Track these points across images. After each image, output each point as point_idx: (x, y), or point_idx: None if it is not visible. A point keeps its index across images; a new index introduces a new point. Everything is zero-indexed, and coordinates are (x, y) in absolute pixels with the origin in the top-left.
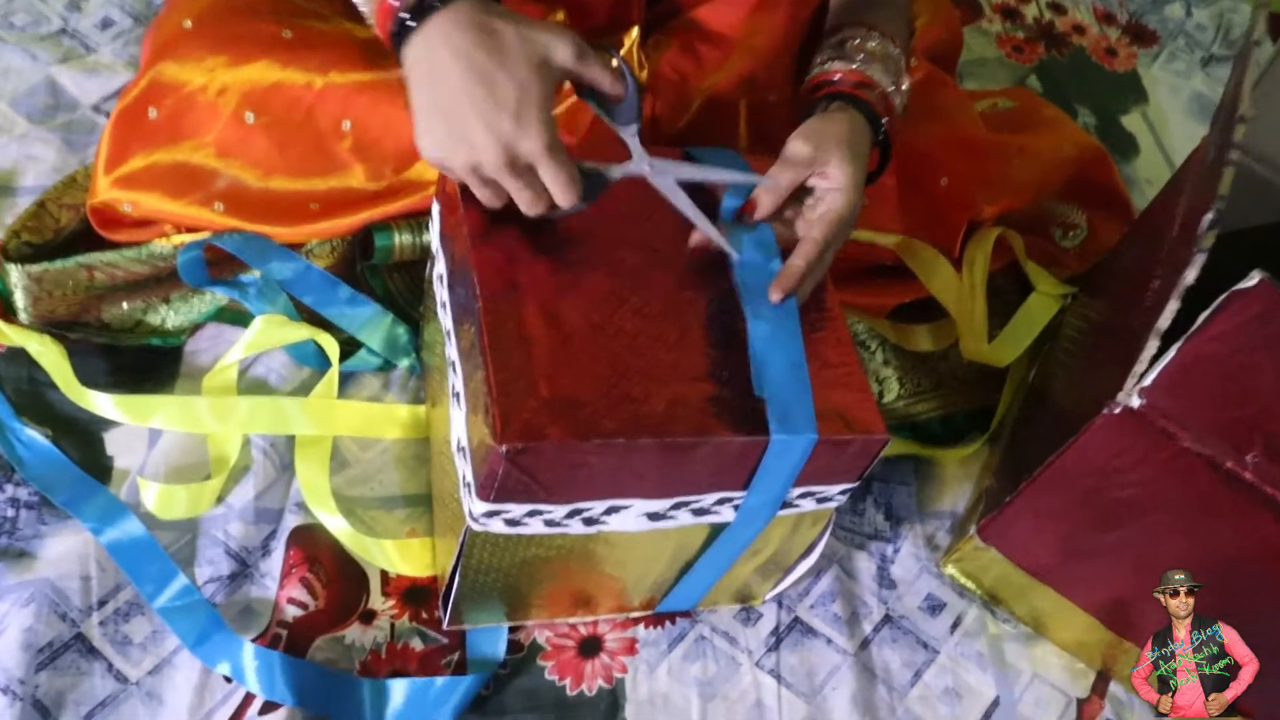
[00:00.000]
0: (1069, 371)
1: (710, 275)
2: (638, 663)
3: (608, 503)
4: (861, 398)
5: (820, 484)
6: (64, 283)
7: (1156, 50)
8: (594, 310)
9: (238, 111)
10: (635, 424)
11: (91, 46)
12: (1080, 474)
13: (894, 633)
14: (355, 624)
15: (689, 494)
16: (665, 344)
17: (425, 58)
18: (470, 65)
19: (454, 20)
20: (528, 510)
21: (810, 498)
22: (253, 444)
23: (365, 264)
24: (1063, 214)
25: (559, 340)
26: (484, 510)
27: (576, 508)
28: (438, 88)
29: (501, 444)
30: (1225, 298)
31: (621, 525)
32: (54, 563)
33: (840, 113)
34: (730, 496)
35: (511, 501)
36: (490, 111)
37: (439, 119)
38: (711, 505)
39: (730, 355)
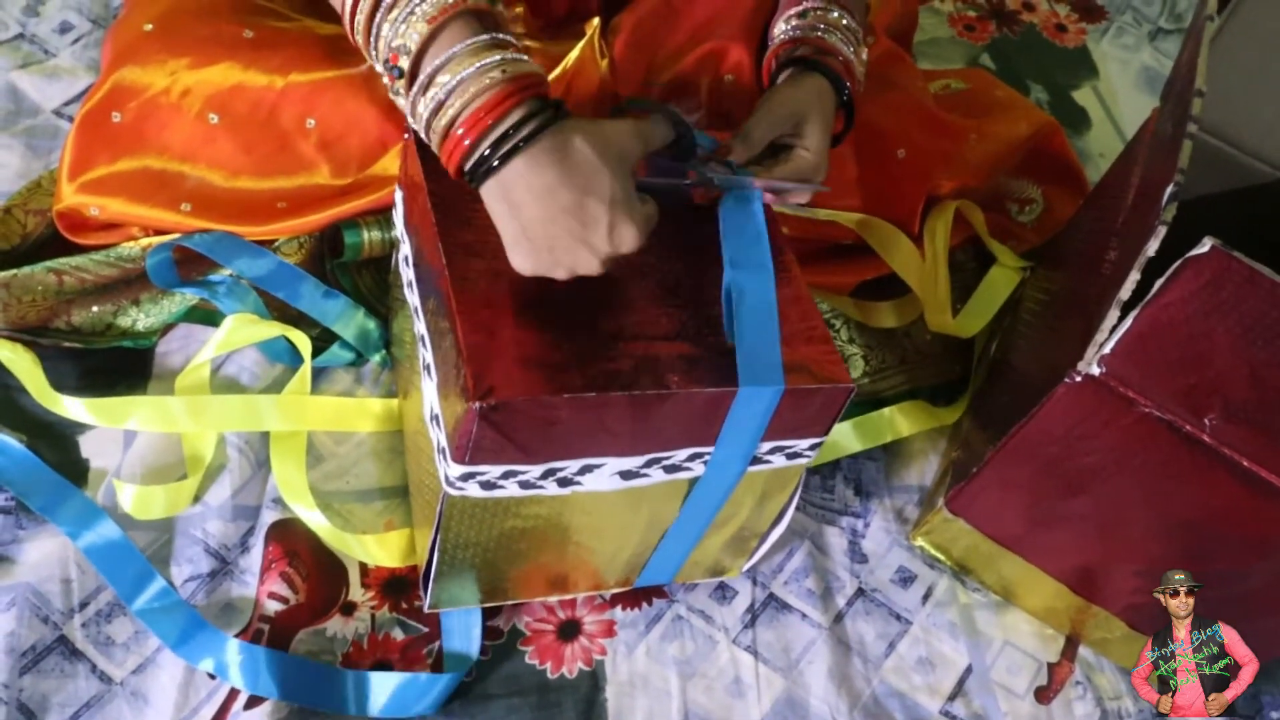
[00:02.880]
0: (1030, 343)
1: (675, 236)
2: (616, 644)
3: (581, 461)
4: (825, 350)
5: (789, 438)
6: (33, 288)
7: (1105, 25)
8: (567, 282)
9: (202, 113)
10: (605, 379)
11: (51, 51)
12: (1044, 442)
13: (867, 605)
14: (336, 616)
15: (661, 450)
16: (632, 305)
17: (504, 197)
18: (555, 201)
19: (532, 161)
20: (503, 472)
21: (780, 453)
22: (228, 442)
23: (335, 262)
24: (1018, 189)
25: (526, 304)
26: (460, 473)
27: (551, 467)
28: (523, 220)
29: (475, 401)
30: (1178, 265)
31: (596, 485)
32: (34, 567)
33: (808, 78)
34: (701, 452)
35: (486, 462)
36: (585, 236)
37: (529, 246)
38: (683, 461)
39: (697, 313)
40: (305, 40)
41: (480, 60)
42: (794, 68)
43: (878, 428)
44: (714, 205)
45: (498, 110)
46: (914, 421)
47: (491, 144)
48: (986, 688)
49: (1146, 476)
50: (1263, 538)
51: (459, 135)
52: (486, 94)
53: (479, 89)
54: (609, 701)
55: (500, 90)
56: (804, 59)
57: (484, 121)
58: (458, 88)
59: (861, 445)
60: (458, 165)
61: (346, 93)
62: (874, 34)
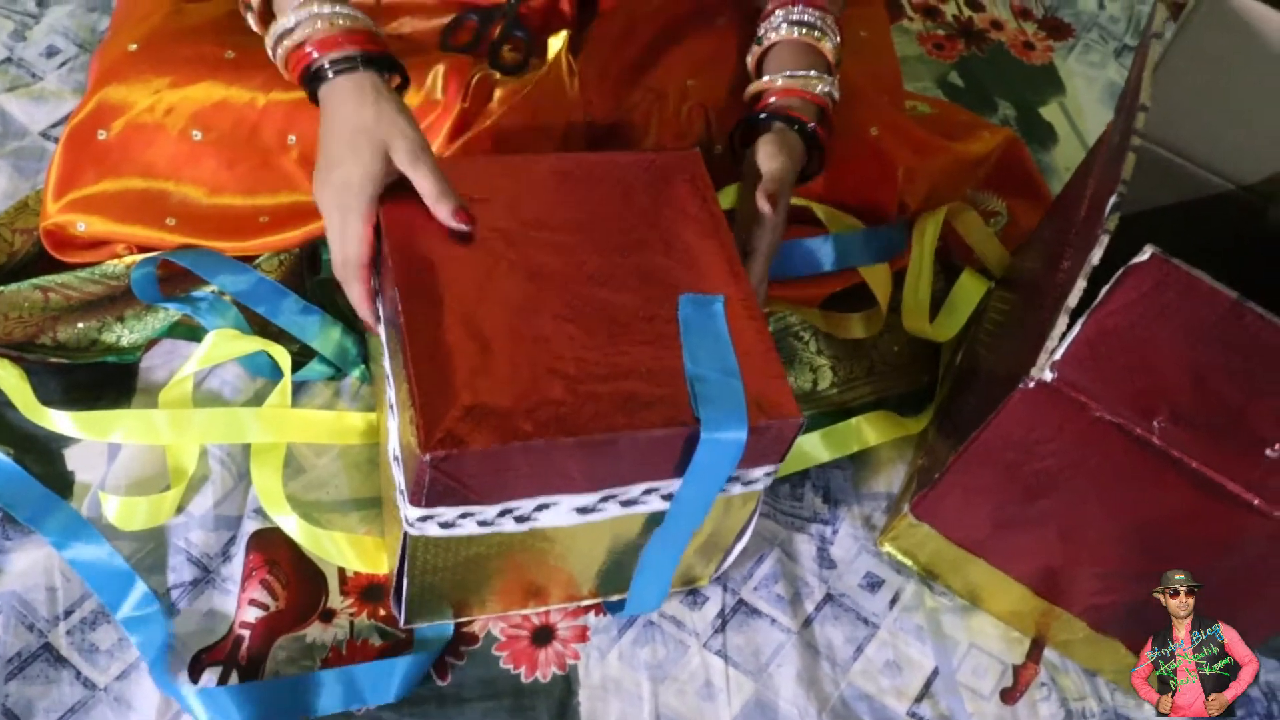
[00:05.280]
0: (992, 351)
1: (631, 274)
2: (589, 649)
3: (536, 500)
4: (776, 381)
5: (744, 468)
6: (20, 305)
7: (1072, 43)
8: (514, 316)
9: (185, 130)
10: (554, 424)
11: (38, 74)
12: (1002, 447)
13: (835, 610)
14: (316, 623)
15: (616, 486)
16: (584, 345)
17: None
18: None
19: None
20: (459, 513)
21: (736, 482)
22: (210, 454)
23: (314, 278)
24: (983, 202)
25: (479, 348)
26: (417, 515)
27: (506, 507)
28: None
29: (425, 453)
30: (1121, 273)
31: (553, 520)
32: (20, 575)
33: (779, 133)
34: (658, 486)
35: (442, 505)
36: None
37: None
38: (639, 496)
39: (651, 352)
40: None
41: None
42: (769, 119)
43: (845, 437)
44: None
45: (336, 44)
46: (881, 431)
47: (330, 60)
48: (953, 689)
49: (1102, 480)
50: (1217, 538)
51: (307, 51)
52: (325, 32)
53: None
54: (582, 705)
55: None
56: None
57: (326, 46)
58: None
59: (830, 455)
60: (300, 73)
61: None
62: None
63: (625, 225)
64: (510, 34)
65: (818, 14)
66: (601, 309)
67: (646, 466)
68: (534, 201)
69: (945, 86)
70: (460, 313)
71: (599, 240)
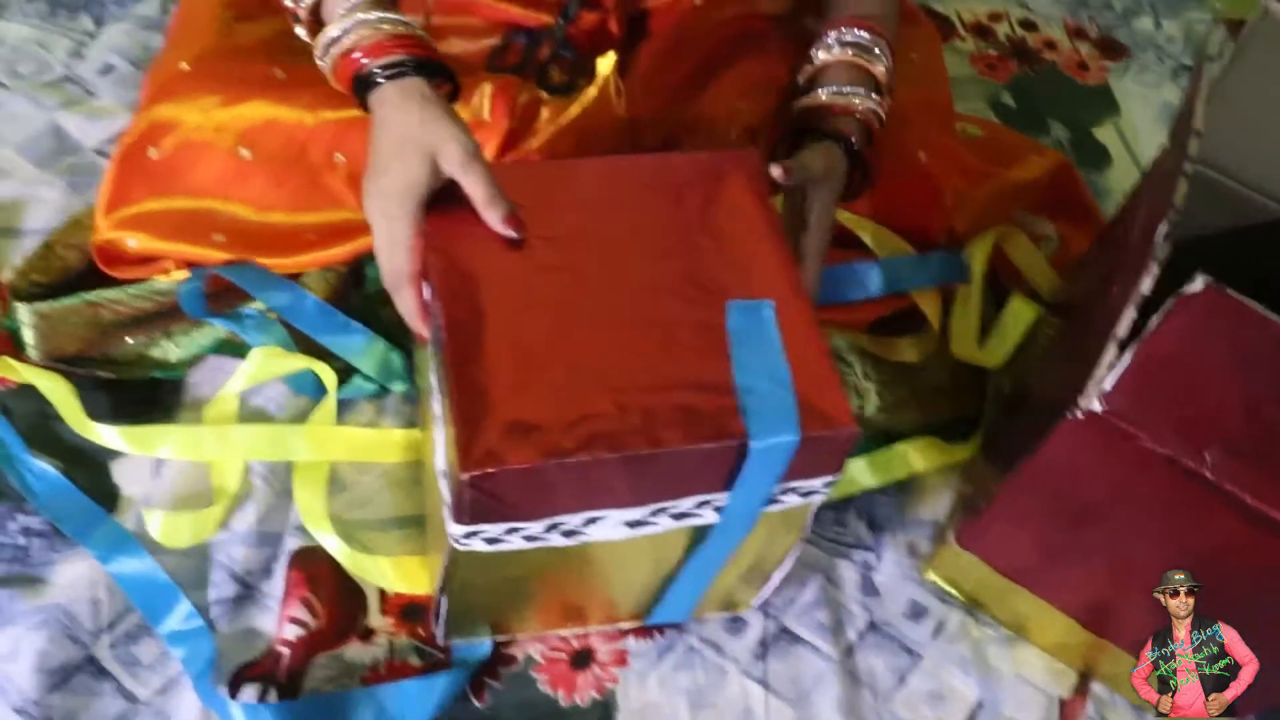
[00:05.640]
0: (1041, 378)
1: (681, 279)
2: (629, 673)
3: (584, 515)
4: (830, 390)
5: (797, 479)
6: (71, 320)
7: (1127, 63)
8: (560, 326)
9: (234, 149)
10: (598, 440)
11: (93, 92)
12: (1049, 477)
13: (878, 639)
14: (355, 641)
15: (666, 499)
16: (632, 355)
17: (376, 110)
18: (395, 131)
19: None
20: (505, 529)
21: (792, 494)
22: (253, 471)
23: (358, 293)
24: (1033, 226)
25: (522, 361)
26: (463, 532)
27: (553, 522)
28: (377, 138)
29: (464, 472)
30: (1172, 302)
31: (603, 534)
32: (65, 588)
33: (827, 148)
34: (710, 499)
35: (486, 522)
36: (374, 176)
37: (369, 164)
38: (692, 509)
39: (701, 361)
40: None
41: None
42: (817, 136)
43: (891, 464)
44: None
45: (384, 50)
46: (928, 458)
47: (380, 66)
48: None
49: (1151, 512)
50: (1269, 572)
51: (355, 58)
52: (374, 38)
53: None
54: None
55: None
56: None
57: (375, 52)
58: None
59: (875, 481)
60: (350, 80)
61: None
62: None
63: (676, 229)
64: (558, 55)
65: (870, 36)
66: (650, 317)
67: (697, 480)
68: (583, 207)
69: (997, 107)
70: (504, 324)
71: (649, 245)
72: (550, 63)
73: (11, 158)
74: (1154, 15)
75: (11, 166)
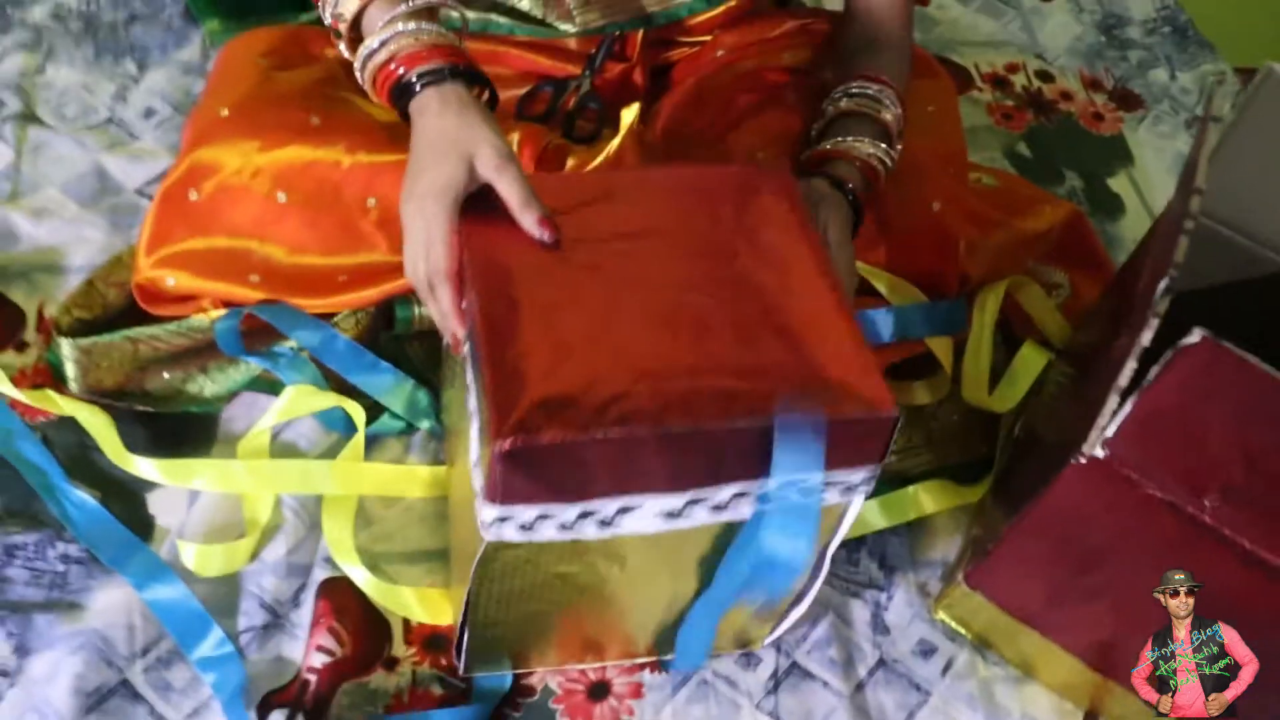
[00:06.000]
0: (1050, 423)
1: (717, 278)
2: (644, 705)
3: (618, 501)
4: (869, 375)
5: (839, 469)
6: (111, 355)
7: (1142, 114)
8: (595, 321)
9: (271, 192)
10: (634, 416)
11: (136, 134)
12: (1055, 521)
13: (888, 675)
14: (379, 670)
15: (702, 488)
16: (669, 347)
17: (416, 116)
18: (433, 132)
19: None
20: (537, 513)
21: (833, 488)
22: (284, 504)
23: (387, 334)
24: (1045, 275)
25: (558, 348)
26: (494, 515)
27: (587, 509)
28: (416, 140)
29: (497, 441)
30: (1171, 354)
31: (637, 526)
32: (101, 613)
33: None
34: (747, 489)
35: (518, 502)
36: (416, 176)
37: (410, 165)
38: (728, 500)
39: (739, 351)
40: (367, 126)
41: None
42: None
43: (903, 505)
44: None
45: (421, 59)
46: (938, 499)
47: (418, 74)
48: None
49: (1154, 556)
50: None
51: (393, 68)
52: (411, 47)
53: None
54: None
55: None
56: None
57: (413, 61)
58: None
59: (887, 522)
60: (389, 90)
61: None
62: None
63: (711, 232)
64: (585, 105)
65: (878, 87)
66: (687, 313)
67: (734, 465)
68: (617, 212)
69: (1013, 156)
70: (539, 316)
71: (683, 247)
72: (577, 112)
73: (57, 197)
74: (1169, 67)
75: (57, 206)
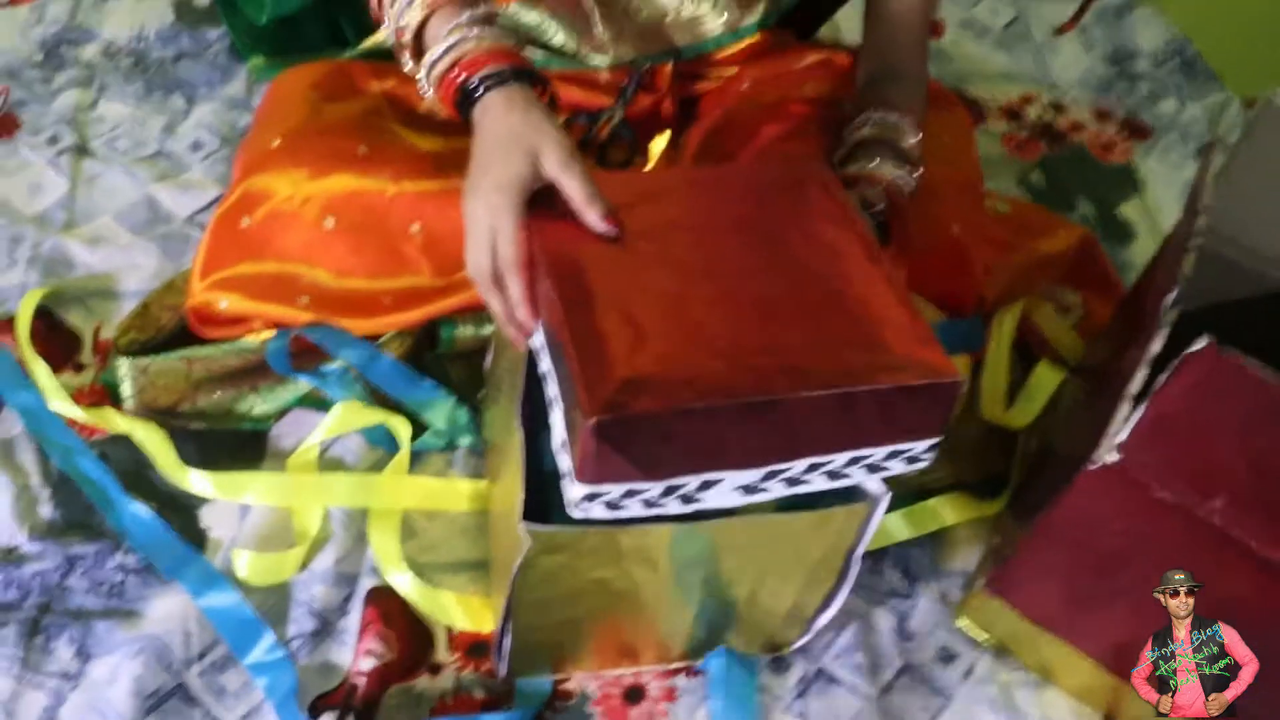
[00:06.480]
0: (1065, 437)
1: (774, 264)
2: (678, 708)
3: (701, 477)
4: (929, 345)
5: (903, 440)
6: (166, 374)
7: (1151, 143)
8: (666, 306)
9: (319, 219)
10: (715, 391)
11: (184, 166)
12: (1070, 527)
13: (911, 681)
14: (424, 675)
15: (780, 461)
16: (738, 328)
17: (478, 119)
18: (497, 131)
19: (503, 97)
20: (624, 490)
21: (897, 457)
22: (332, 516)
23: (431, 354)
24: (1059, 296)
25: (635, 332)
26: (583, 494)
27: (671, 484)
28: (479, 140)
29: (590, 418)
30: (1178, 361)
31: (718, 500)
32: (159, 620)
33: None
34: (821, 463)
35: (607, 481)
36: (483, 172)
37: (472, 165)
38: (802, 474)
39: (804, 329)
40: (412, 155)
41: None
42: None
43: (924, 517)
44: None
45: (484, 63)
46: (958, 512)
47: (480, 77)
48: None
49: (1168, 560)
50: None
51: (456, 74)
52: (473, 52)
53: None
54: None
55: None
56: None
57: (476, 65)
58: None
59: (909, 533)
60: (453, 95)
61: (448, 201)
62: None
63: (763, 223)
64: (617, 135)
65: (897, 115)
66: (751, 296)
67: (810, 438)
68: (673, 207)
69: (1026, 185)
70: (613, 303)
71: (740, 237)
72: (609, 142)
73: (110, 226)
74: (1178, 98)
75: (111, 234)
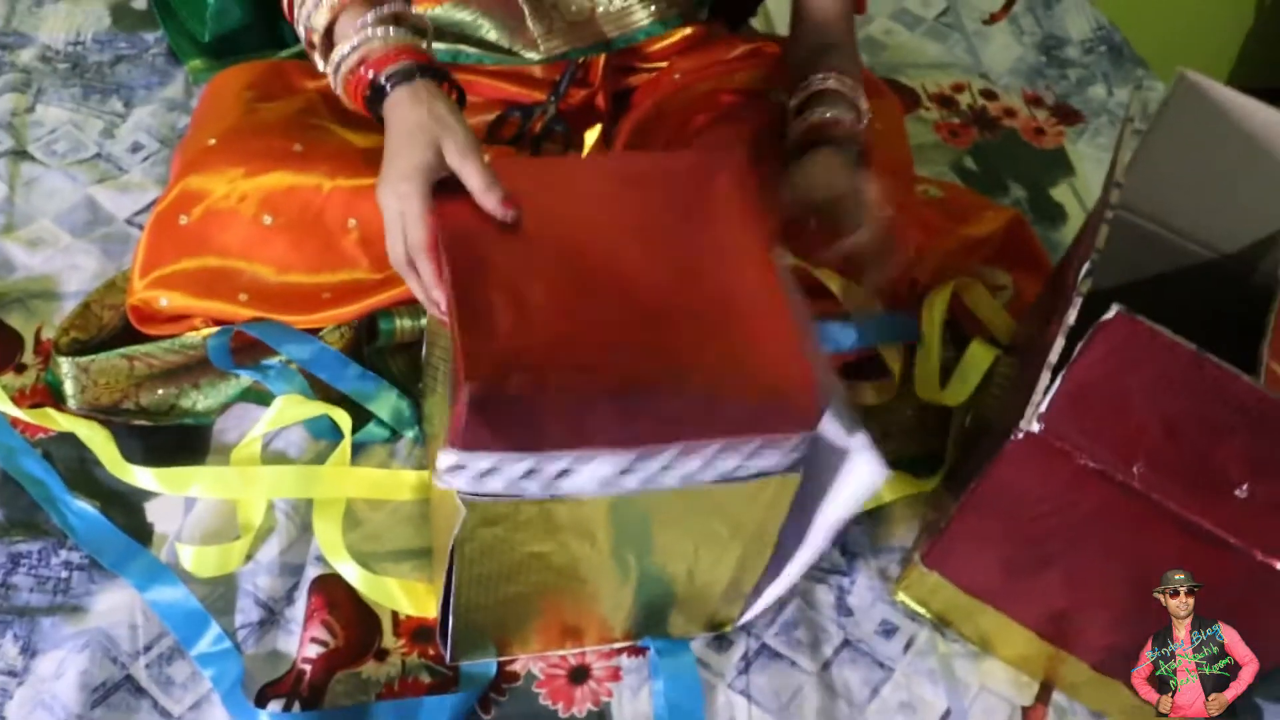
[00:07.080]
0: (997, 412)
1: (669, 263)
2: (622, 688)
3: (571, 455)
4: (790, 364)
5: (770, 435)
6: (108, 372)
7: (1082, 128)
8: (556, 292)
9: (257, 215)
10: (589, 370)
11: (124, 168)
12: (999, 497)
13: (852, 654)
14: (370, 661)
15: (647, 446)
16: (623, 321)
17: (388, 116)
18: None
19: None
20: (491, 463)
21: (771, 448)
22: (276, 507)
23: (371, 346)
24: (990, 277)
25: (521, 314)
26: (450, 462)
27: (534, 466)
28: (390, 135)
29: (466, 383)
30: (1092, 330)
31: (577, 487)
32: (105, 614)
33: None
34: (691, 448)
35: (480, 449)
36: (392, 162)
37: (385, 158)
38: (674, 459)
39: (686, 334)
40: (347, 152)
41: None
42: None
43: None
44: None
45: (390, 60)
46: (895, 489)
47: (387, 75)
48: None
49: (1095, 526)
50: (1206, 580)
51: (364, 73)
52: (380, 50)
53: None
54: None
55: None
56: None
57: (383, 63)
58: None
59: None
60: (362, 92)
61: None
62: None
63: (666, 216)
64: (551, 128)
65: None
66: (641, 293)
67: (675, 430)
68: (578, 196)
69: (960, 170)
70: (503, 284)
71: (639, 229)
72: (544, 135)
73: (50, 228)
74: (1106, 84)
75: (51, 236)
